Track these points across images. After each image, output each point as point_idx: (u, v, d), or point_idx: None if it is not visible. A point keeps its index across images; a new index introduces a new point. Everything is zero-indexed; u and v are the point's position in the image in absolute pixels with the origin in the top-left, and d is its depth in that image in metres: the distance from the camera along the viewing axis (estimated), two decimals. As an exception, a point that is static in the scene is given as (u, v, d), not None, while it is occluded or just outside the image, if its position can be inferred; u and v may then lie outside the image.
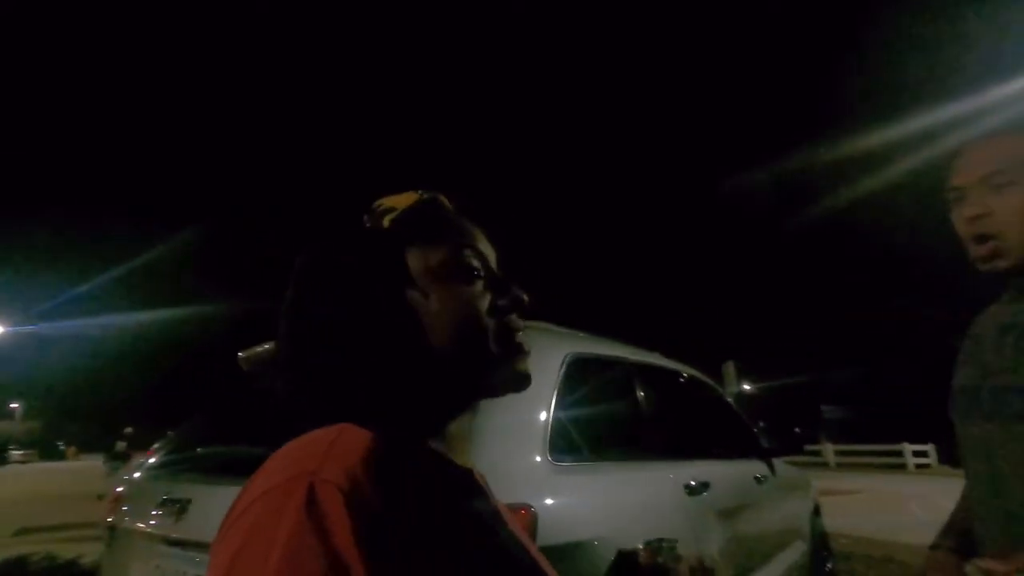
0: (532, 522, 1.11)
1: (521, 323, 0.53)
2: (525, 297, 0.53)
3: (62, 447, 46.75)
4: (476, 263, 0.52)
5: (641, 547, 0.64)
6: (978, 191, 0.82)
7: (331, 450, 0.38)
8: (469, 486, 0.51)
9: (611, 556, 0.71)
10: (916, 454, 16.62)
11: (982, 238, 0.81)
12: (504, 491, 1.14)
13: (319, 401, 0.46)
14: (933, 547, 0.97)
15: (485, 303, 0.51)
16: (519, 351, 0.52)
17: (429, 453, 0.47)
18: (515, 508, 1.11)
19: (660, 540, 0.65)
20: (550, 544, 1.11)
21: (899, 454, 16.87)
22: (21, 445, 42.36)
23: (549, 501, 1.20)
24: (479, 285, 0.52)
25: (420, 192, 0.55)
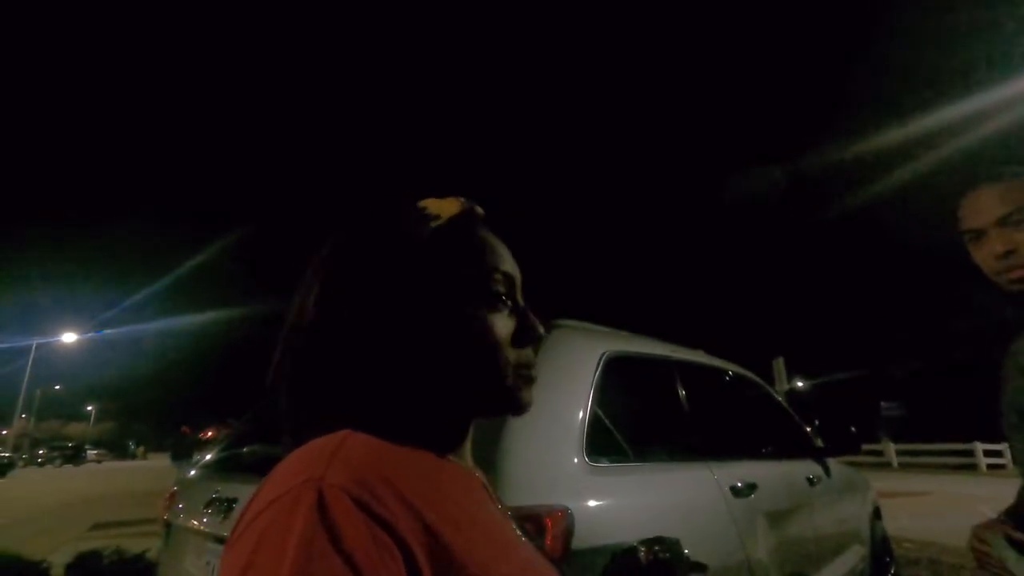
0: (569, 524, 1.09)
1: (534, 356, 0.53)
2: (542, 331, 0.53)
3: (132, 446, 49.66)
4: (504, 289, 0.52)
5: (642, 547, 0.62)
6: (998, 231, 0.91)
7: (337, 455, 0.38)
8: (475, 489, 0.50)
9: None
10: (989, 453, 15.58)
11: (1015, 268, 0.90)
12: (540, 493, 1.14)
13: (325, 405, 0.46)
14: (988, 520, 1.06)
15: (507, 331, 0.51)
16: (528, 381, 0.52)
17: (433, 457, 0.47)
18: (551, 510, 1.10)
19: (661, 538, 0.63)
20: (587, 547, 1.09)
21: (970, 454, 15.89)
22: (96, 445, 45.22)
23: (586, 503, 1.18)
24: (504, 312, 0.51)
25: (463, 200, 0.54)
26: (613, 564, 0.64)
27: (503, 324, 0.51)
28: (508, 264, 0.53)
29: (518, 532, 0.51)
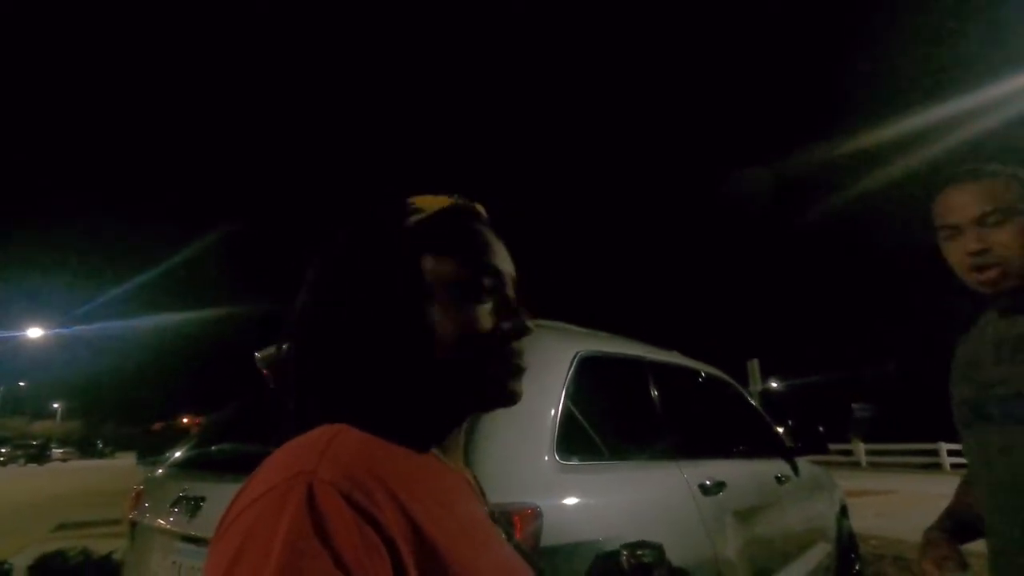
0: (538, 522, 1.10)
1: (522, 348, 0.52)
2: (530, 325, 0.53)
3: (100, 445, 48.27)
4: (488, 282, 0.51)
5: (624, 550, 0.63)
6: (974, 229, 0.93)
7: (328, 450, 0.38)
8: (463, 489, 0.51)
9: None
10: (952, 453, 16.07)
11: (985, 267, 0.92)
12: (511, 491, 1.15)
13: (320, 400, 0.47)
14: (929, 529, 1.09)
15: (488, 324, 0.50)
16: (517, 372, 0.52)
17: (424, 456, 0.47)
18: (521, 508, 1.11)
19: (644, 542, 0.64)
20: (556, 544, 1.11)
21: (934, 453, 16.35)
22: (62, 443, 43.85)
23: (556, 501, 1.19)
24: (487, 305, 0.51)
25: (455, 198, 0.54)
26: (595, 566, 0.65)
27: (485, 316, 0.50)
28: (500, 260, 0.53)
29: (501, 533, 0.52)
